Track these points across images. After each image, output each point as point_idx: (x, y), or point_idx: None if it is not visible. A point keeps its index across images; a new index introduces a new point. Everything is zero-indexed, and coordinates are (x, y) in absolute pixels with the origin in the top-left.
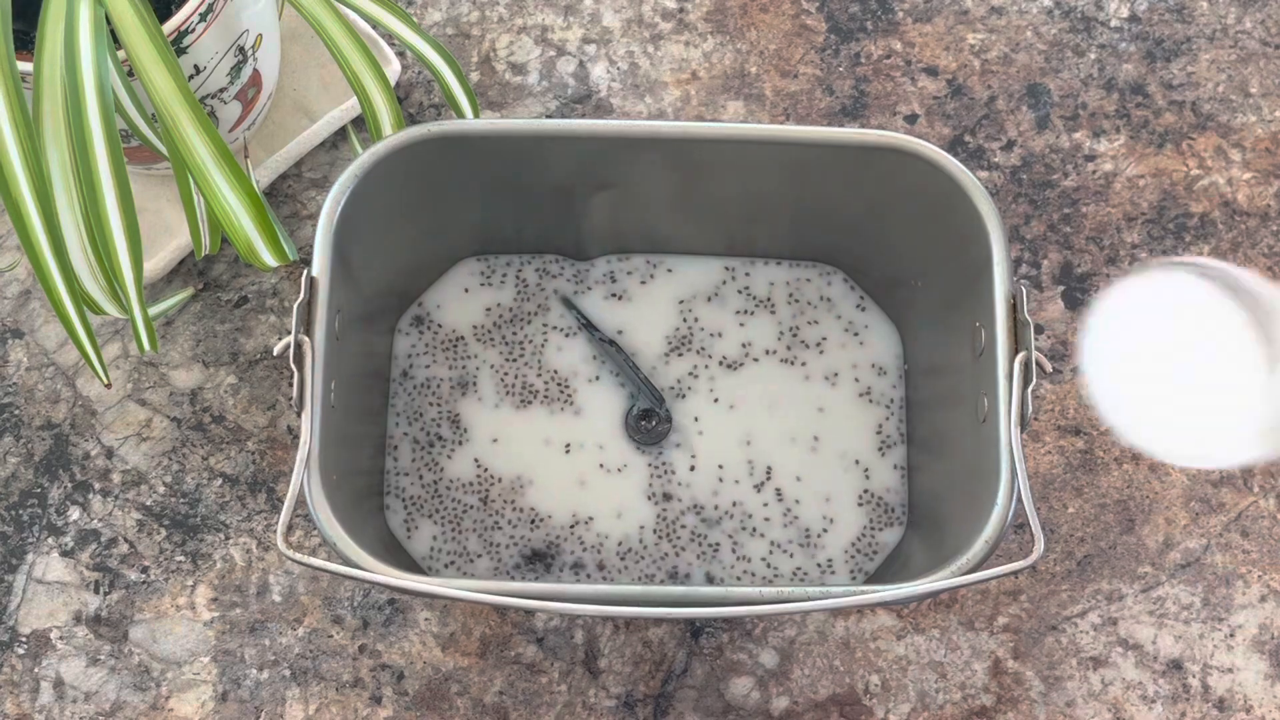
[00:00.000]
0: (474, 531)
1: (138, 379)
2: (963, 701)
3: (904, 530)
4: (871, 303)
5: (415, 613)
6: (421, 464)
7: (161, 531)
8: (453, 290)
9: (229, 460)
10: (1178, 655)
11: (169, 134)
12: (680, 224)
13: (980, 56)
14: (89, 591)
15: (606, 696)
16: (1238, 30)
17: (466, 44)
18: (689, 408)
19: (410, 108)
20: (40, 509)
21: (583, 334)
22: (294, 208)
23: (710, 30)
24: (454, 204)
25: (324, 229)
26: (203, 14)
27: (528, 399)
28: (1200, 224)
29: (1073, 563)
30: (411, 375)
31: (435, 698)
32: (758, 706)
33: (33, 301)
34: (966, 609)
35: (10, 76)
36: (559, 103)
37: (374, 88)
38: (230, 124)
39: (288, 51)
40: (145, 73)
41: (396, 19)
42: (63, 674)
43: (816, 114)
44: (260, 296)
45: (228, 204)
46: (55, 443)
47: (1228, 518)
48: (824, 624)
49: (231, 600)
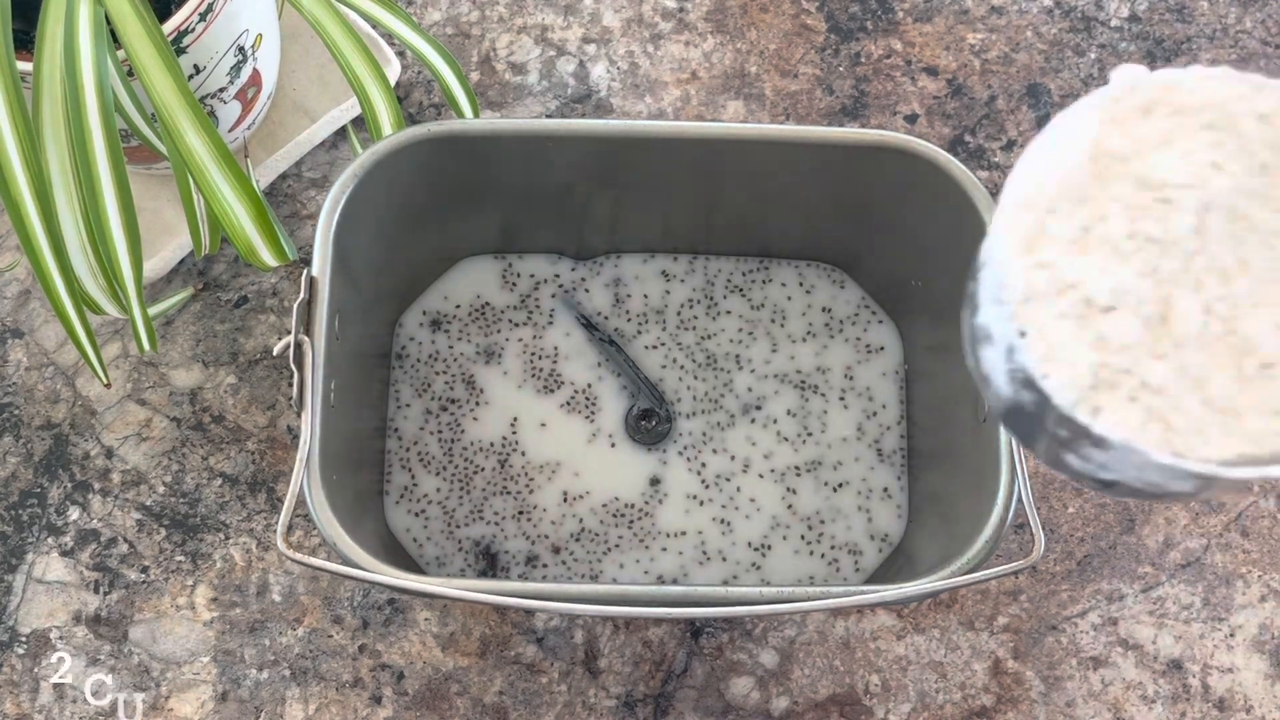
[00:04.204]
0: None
1: (137, 379)
2: (963, 702)
3: (904, 530)
4: (872, 302)
5: (415, 613)
6: (421, 464)
7: (161, 531)
8: (453, 290)
9: (229, 460)
10: (1178, 655)
11: (169, 134)
12: (680, 224)
13: (980, 56)
14: (89, 591)
15: (606, 696)
16: (1238, 30)
17: (466, 44)
18: (689, 404)
19: (410, 107)
20: (40, 509)
21: (582, 333)
22: (294, 207)
23: (710, 30)
24: (454, 204)
25: (324, 229)
26: (202, 14)
27: (528, 399)
28: None
29: (1073, 563)
30: (412, 374)
31: (435, 698)
32: (758, 707)
33: (32, 301)
34: (967, 609)
35: (10, 76)
36: (559, 102)
37: (374, 87)
38: (230, 124)
39: (287, 51)
40: (145, 72)
41: (396, 19)
42: (62, 674)
43: (816, 114)
44: (260, 296)
45: (227, 204)
46: (55, 443)
47: (1228, 517)
48: (824, 624)
49: (231, 600)
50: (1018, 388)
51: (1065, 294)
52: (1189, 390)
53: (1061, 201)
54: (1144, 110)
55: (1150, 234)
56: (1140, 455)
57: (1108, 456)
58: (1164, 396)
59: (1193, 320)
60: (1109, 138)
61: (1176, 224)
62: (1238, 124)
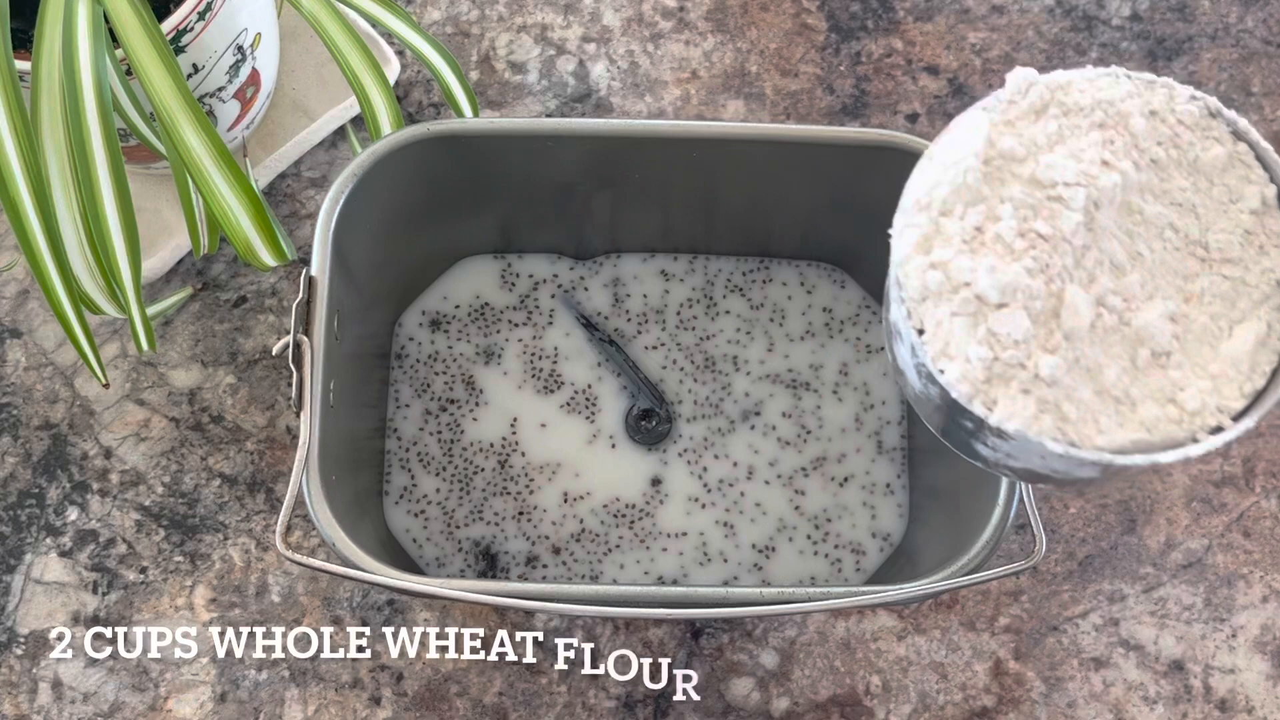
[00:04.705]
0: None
1: (136, 379)
2: (964, 702)
3: (905, 530)
4: (873, 302)
5: (415, 613)
6: (421, 465)
7: (160, 532)
8: (452, 290)
9: (228, 460)
10: (1179, 656)
11: (167, 133)
12: (680, 224)
13: (981, 55)
14: (87, 592)
15: (606, 697)
16: (1239, 29)
17: (466, 43)
18: (689, 407)
19: (409, 107)
20: (38, 509)
21: (582, 333)
22: (293, 207)
23: (710, 29)
24: (453, 203)
25: (323, 228)
26: (201, 12)
27: (528, 399)
28: None
29: (1074, 563)
30: (411, 375)
31: (435, 698)
32: (758, 707)
33: (31, 301)
34: (968, 609)
35: (8, 75)
36: (559, 102)
37: (373, 87)
38: (229, 123)
39: (286, 50)
40: (143, 71)
41: (396, 18)
42: (61, 675)
43: (817, 113)
44: (259, 296)
45: (226, 203)
46: (53, 443)
47: (1229, 518)
48: (825, 624)
49: (230, 600)
50: (925, 382)
51: (958, 292)
52: (1082, 381)
53: (955, 203)
54: (1036, 111)
55: (1041, 232)
56: (1039, 445)
57: (1011, 446)
58: (1056, 388)
59: (1084, 314)
60: (1001, 139)
61: (1067, 221)
62: (1128, 122)
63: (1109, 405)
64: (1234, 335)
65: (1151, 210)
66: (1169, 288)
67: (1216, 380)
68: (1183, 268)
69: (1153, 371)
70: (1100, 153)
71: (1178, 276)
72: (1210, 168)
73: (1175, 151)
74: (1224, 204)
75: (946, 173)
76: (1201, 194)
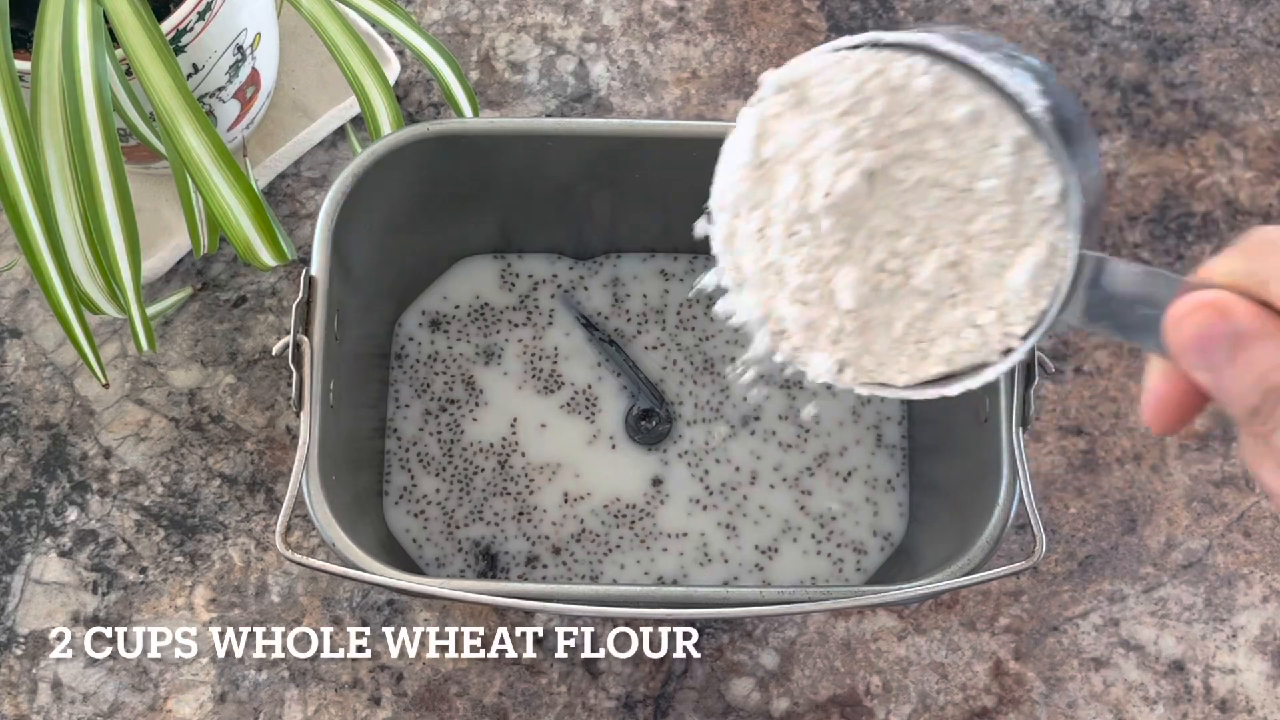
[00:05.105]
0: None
1: (136, 379)
2: (964, 703)
3: (905, 531)
4: None
5: (414, 613)
6: (421, 465)
7: (160, 532)
8: (452, 290)
9: (227, 460)
10: (1180, 656)
11: (167, 133)
12: (680, 223)
13: None
14: (87, 592)
15: (606, 697)
16: (1240, 29)
17: (466, 43)
18: (689, 408)
19: (409, 107)
20: (38, 509)
21: (582, 333)
22: (293, 207)
23: (710, 29)
24: (453, 203)
25: (323, 228)
26: (201, 12)
27: (528, 399)
28: (1202, 223)
29: (1074, 563)
30: (411, 375)
31: (434, 698)
32: (758, 707)
33: (30, 301)
34: (968, 610)
35: (8, 75)
36: (559, 102)
37: (373, 87)
38: (229, 123)
39: (286, 50)
40: (143, 71)
41: (395, 18)
42: (60, 675)
43: None
44: (259, 296)
45: (226, 203)
46: (53, 443)
47: (1230, 518)
48: (825, 625)
49: (230, 601)
50: None
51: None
52: (877, 337)
53: (741, 205)
54: (794, 107)
55: (804, 235)
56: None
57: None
58: (850, 350)
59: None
60: (765, 142)
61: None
62: (869, 105)
63: (909, 349)
64: (1015, 264)
65: (913, 175)
66: (949, 235)
67: (1002, 308)
68: (959, 214)
69: (943, 313)
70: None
71: (956, 223)
72: (960, 126)
73: (925, 117)
74: (983, 151)
75: (729, 176)
76: (960, 147)
